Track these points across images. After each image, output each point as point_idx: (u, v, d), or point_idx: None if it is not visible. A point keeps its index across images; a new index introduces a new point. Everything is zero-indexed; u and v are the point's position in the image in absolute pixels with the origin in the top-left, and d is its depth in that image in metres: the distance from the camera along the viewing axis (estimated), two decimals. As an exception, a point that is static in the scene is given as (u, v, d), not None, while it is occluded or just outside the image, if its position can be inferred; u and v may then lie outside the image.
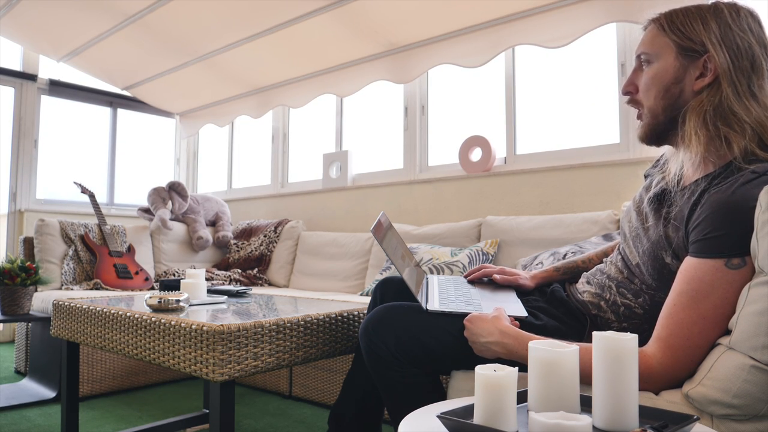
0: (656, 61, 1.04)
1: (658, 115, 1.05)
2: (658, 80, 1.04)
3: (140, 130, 4.66)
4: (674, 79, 1.02)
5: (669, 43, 1.03)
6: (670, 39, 1.03)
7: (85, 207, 3.89)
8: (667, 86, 1.03)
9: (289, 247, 3.54)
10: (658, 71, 1.04)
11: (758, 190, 0.85)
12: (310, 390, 2.43)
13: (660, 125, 1.05)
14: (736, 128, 0.94)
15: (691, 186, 0.99)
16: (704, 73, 1.00)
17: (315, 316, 1.41)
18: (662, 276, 1.03)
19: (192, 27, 3.29)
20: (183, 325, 1.25)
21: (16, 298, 2.48)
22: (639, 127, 1.10)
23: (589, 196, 2.53)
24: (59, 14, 3.27)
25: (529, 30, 2.66)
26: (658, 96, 1.04)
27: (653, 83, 1.04)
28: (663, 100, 1.03)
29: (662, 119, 1.05)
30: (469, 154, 2.97)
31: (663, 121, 1.05)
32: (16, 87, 3.97)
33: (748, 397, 0.80)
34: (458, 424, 0.73)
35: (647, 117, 1.07)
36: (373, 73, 3.32)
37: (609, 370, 0.74)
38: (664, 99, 1.03)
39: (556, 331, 1.14)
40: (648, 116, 1.06)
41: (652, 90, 1.04)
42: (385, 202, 3.35)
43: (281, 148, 4.16)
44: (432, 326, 1.14)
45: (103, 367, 2.54)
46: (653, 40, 1.05)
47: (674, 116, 1.03)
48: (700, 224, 0.91)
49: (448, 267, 2.46)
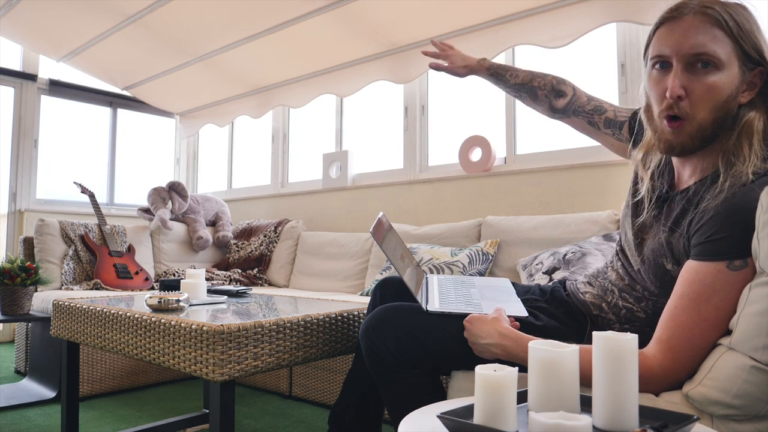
0: (722, 70, 0.91)
1: (706, 129, 0.92)
2: (720, 92, 0.91)
3: (140, 130, 4.66)
4: (735, 94, 0.92)
5: (736, 50, 0.91)
6: (736, 44, 0.90)
7: (85, 207, 3.89)
8: (727, 100, 0.91)
9: (289, 247, 3.54)
10: (724, 82, 0.90)
11: (758, 191, 0.85)
12: (310, 390, 2.43)
13: (704, 139, 0.93)
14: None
15: (689, 190, 0.99)
16: (748, 88, 0.93)
17: (315, 316, 1.41)
18: (664, 283, 1.02)
19: (192, 27, 3.29)
20: (183, 325, 1.25)
21: (16, 298, 2.48)
22: (671, 134, 0.95)
23: (589, 196, 2.53)
24: (59, 14, 3.27)
25: (529, 30, 2.66)
26: (714, 109, 0.91)
27: (714, 94, 0.91)
28: (717, 114, 0.92)
29: (708, 134, 0.93)
30: (469, 154, 2.97)
31: (708, 135, 0.93)
32: (16, 87, 3.97)
33: (748, 397, 0.80)
34: (458, 424, 0.73)
35: (692, 128, 0.93)
36: (373, 73, 3.32)
37: (609, 370, 0.74)
38: (719, 113, 0.92)
39: (556, 332, 1.14)
40: (694, 128, 0.93)
41: (710, 102, 0.91)
42: (384, 202, 3.35)
43: (281, 148, 4.16)
44: (432, 327, 1.14)
45: (103, 367, 2.54)
46: (717, 40, 0.90)
47: (718, 132, 0.93)
48: (702, 228, 0.91)
49: (448, 267, 2.46)
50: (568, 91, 1.35)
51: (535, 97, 1.39)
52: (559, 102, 1.35)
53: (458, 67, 1.49)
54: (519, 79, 1.41)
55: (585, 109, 1.32)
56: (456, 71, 1.50)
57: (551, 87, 1.37)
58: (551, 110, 1.38)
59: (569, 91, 1.35)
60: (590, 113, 1.31)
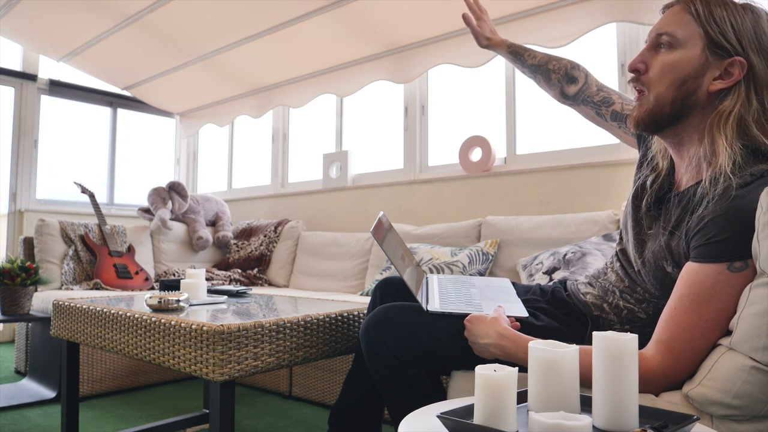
0: (680, 48, 0.96)
1: (665, 106, 0.98)
2: (678, 70, 0.96)
3: (140, 130, 4.66)
4: (694, 74, 0.95)
5: (700, 33, 0.94)
6: (702, 29, 0.94)
7: (85, 207, 3.88)
8: (685, 79, 0.96)
9: (289, 247, 3.54)
10: (680, 60, 0.96)
11: (758, 192, 0.85)
12: (310, 390, 2.43)
13: (663, 116, 0.98)
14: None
15: (688, 191, 0.98)
16: (723, 76, 0.94)
17: (315, 316, 1.41)
18: (664, 285, 1.02)
19: (192, 27, 3.29)
20: (183, 325, 1.25)
21: (16, 298, 2.48)
22: (635, 108, 1.02)
23: (589, 196, 2.53)
24: (59, 14, 3.27)
25: (529, 30, 2.66)
26: (672, 86, 0.96)
27: (671, 71, 0.96)
28: (675, 92, 0.96)
29: (667, 111, 0.98)
30: (469, 154, 2.97)
31: (668, 112, 0.98)
32: (16, 87, 3.97)
33: (749, 397, 0.80)
34: (458, 424, 0.73)
35: (651, 103, 0.99)
36: (373, 73, 3.32)
37: (609, 370, 0.74)
38: (677, 91, 0.96)
39: (556, 332, 1.14)
40: (652, 102, 0.99)
41: (667, 77, 0.97)
42: (385, 202, 3.35)
43: (281, 148, 4.16)
44: (432, 326, 1.14)
45: (103, 367, 2.54)
46: (682, 23, 0.96)
47: (681, 111, 0.97)
48: (702, 230, 0.90)
49: (448, 267, 2.46)
50: (580, 77, 1.35)
51: (548, 79, 1.40)
52: (571, 88, 1.36)
53: (482, 35, 1.50)
54: (536, 60, 1.42)
55: (594, 100, 1.32)
56: (478, 38, 1.51)
57: (565, 71, 1.37)
58: (562, 95, 1.38)
59: (581, 78, 1.35)
60: (598, 104, 1.32)
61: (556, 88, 1.39)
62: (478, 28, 1.51)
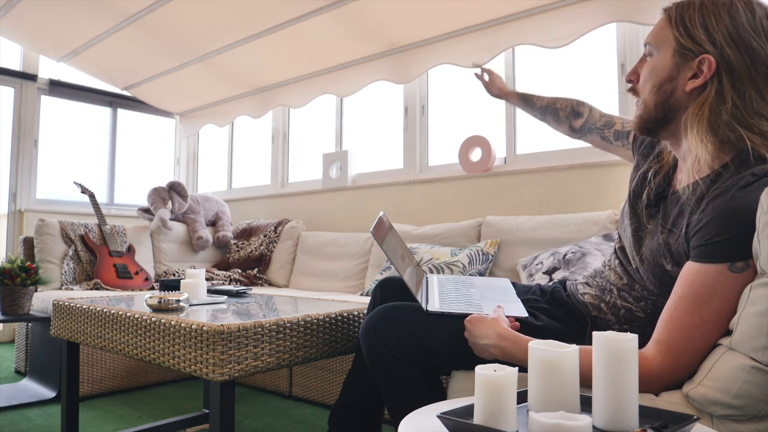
0: (656, 54, 1.02)
1: (650, 110, 1.03)
2: (655, 74, 1.01)
3: (140, 130, 4.66)
4: (668, 77, 0.99)
5: (670, 38, 0.99)
6: (671, 33, 0.99)
7: (85, 207, 3.88)
8: (661, 82, 1.00)
9: (289, 247, 3.54)
10: (656, 65, 1.01)
11: (759, 193, 0.85)
12: (310, 390, 2.43)
13: (651, 120, 1.03)
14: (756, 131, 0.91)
15: (687, 190, 0.98)
16: (697, 75, 0.96)
17: (315, 316, 1.41)
18: (663, 283, 1.02)
19: (192, 27, 3.29)
20: (183, 325, 1.25)
21: (16, 298, 2.48)
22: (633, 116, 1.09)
23: (589, 196, 2.53)
24: (59, 14, 3.27)
25: (529, 30, 2.66)
26: (652, 90, 1.02)
27: (650, 76, 1.02)
28: (656, 96, 1.01)
29: (653, 114, 1.03)
30: (469, 154, 2.97)
31: (654, 116, 1.03)
32: (16, 87, 3.97)
33: (749, 397, 0.80)
34: (458, 424, 0.73)
35: (640, 109, 1.05)
36: (373, 73, 3.32)
37: (609, 370, 0.74)
38: (657, 95, 1.01)
39: (556, 333, 1.14)
40: (641, 108, 1.05)
41: (648, 83, 1.02)
42: (385, 202, 3.35)
43: (281, 148, 4.16)
44: (432, 327, 1.14)
45: (103, 367, 2.54)
46: (659, 30, 1.02)
47: (666, 114, 1.01)
48: (702, 229, 0.90)
49: (448, 267, 2.46)
50: (584, 111, 1.45)
51: (557, 117, 1.51)
52: (577, 122, 1.46)
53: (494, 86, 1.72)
54: (544, 102, 1.55)
55: (597, 126, 1.41)
56: (490, 89, 1.73)
57: (571, 108, 1.48)
58: (571, 130, 1.48)
59: (586, 112, 1.45)
60: (601, 129, 1.40)
61: (564, 124, 1.49)
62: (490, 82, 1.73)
